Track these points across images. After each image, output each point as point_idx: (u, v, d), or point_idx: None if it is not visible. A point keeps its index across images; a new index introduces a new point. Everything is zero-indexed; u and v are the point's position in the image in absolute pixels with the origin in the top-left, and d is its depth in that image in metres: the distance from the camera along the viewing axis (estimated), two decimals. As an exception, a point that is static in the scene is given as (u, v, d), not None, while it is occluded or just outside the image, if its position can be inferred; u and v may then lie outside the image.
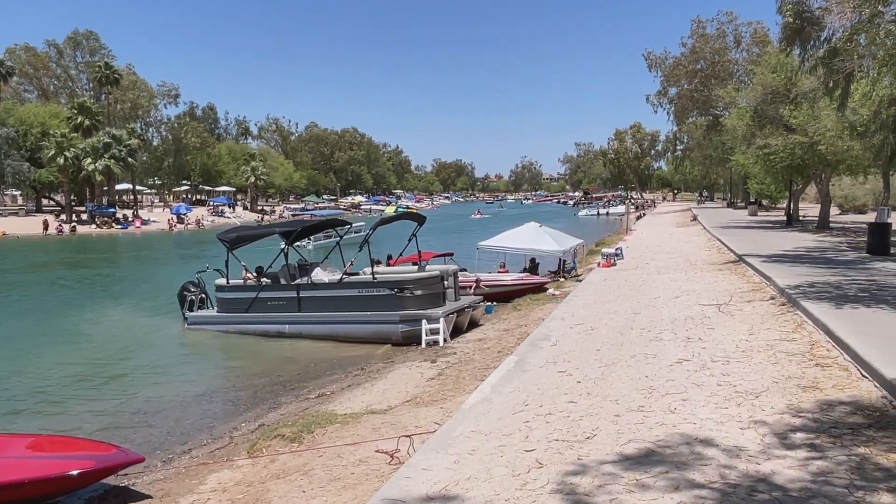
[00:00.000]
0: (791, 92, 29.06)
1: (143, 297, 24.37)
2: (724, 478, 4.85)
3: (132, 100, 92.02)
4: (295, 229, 18.47)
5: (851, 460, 5.02)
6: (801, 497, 4.49)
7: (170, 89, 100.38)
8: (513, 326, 15.20)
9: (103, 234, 58.96)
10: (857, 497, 4.45)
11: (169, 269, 33.02)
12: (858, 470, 4.84)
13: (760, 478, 4.82)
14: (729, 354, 8.54)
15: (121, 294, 25.40)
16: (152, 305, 22.28)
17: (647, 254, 24.61)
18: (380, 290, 16.12)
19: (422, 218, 19.19)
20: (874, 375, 6.86)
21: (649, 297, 14.04)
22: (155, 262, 38.39)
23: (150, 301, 23.28)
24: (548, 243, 23.87)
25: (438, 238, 50.42)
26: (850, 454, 5.13)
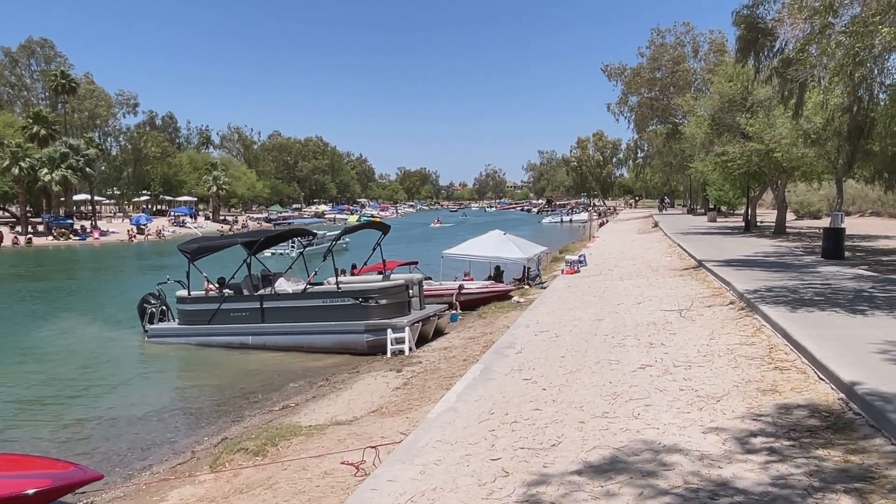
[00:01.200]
0: (747, 100, 29.73)
1: (103, 309, 23.81)
2: (686, 483, 4.89)
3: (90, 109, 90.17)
4: (258, 239, 18.27)
5: (810, 463, 5.10)
6: (762, 500, 4.55)
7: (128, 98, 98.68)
8: (478, 334, 15.21)
9: (60, 246, 57.52)
10: (815, 499, 4.52)
11: (129, 281, 32.34)
12: (817, 472, 4.93)
13: (722, 482, 4.87)
14: (690, 359, 8.65)
15: (79, 307, 24.78)
16: (112, 318, 21.78)
17: (609, 260, 24.87)
18: (344, 300, 16.01)
19: (386, 227, 19.14)
20: (831, 378, 7.00)
21: (612, 304, 14.17)
22: (114, 273, 37.55)
23: (110, 314, 22.76)
24: (512, 251, 24.00)
25: (403, 247, 50.32)
26: (808, 457, 5.22)
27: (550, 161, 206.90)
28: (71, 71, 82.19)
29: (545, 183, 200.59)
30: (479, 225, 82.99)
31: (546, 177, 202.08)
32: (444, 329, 17.33)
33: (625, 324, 11.68)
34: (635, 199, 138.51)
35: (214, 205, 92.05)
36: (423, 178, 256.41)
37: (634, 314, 12.57)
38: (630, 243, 33.04)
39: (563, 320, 12.80)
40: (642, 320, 11.80)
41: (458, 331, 16.93)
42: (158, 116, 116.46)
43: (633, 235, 39.93)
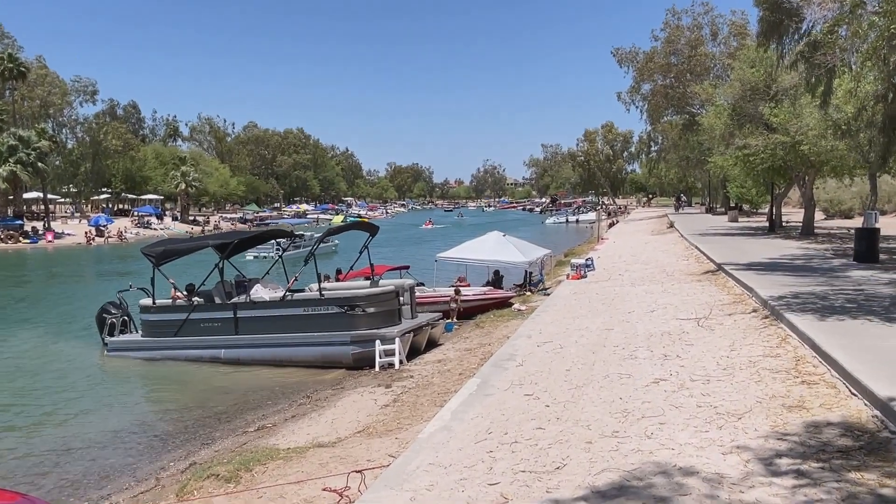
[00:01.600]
0: (771, 88, 29.82)
1: (56, 320, 23.71)
2: (705, 508, 4.88)
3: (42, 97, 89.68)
4: (231, 242, 18.24)
5: (842, 488, 5.10)
6: (789, 527, 4.54)
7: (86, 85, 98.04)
8: (475, 346, 15.21)
9: (8, 251, 57.24)
10: (847, 525, 4.52)
11: (86, 289, 32.23)
12: (849, 498, 4.92)
13: (745, 507, 4.86)
14: (709, 373, 8.66)
15: (30, 317, 24.67)
16: (67, 330, 21.68)
17: (620, 264, 24.91)
18: (328, 309, 15.99)
19: (374, 228, 19.14)
20: (864, 393, 7.01)
21: (623, 312, 14.19)
22: (70, 280, 37.42)
23: (64, 325, 22.66)
24: (512, 254, 24.02)
25: (394, 250, 50.32)
26: (840, 480, 5.22)
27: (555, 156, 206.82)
28: (20, 54, 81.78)
29: (549, 180, 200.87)
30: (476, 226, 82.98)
31: (550, 173, 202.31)
32: (438, 340, 17.32)
33: (636, 334, 11.69)
34: (648, 198, 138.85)
35: (183, 204, 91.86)
36: (416, 175, 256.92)
37: (647, 323, 12.58)
38: (643, 245, 33.11)
39: (569, 330, 12.80)
40: (656, 330, 11.81)
41: (453, 342, 16.93)
42: (120, 106, 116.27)
43: (646, 237, 40.02)
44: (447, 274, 26.22)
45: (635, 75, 62.57)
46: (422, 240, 64.48)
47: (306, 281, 18.57)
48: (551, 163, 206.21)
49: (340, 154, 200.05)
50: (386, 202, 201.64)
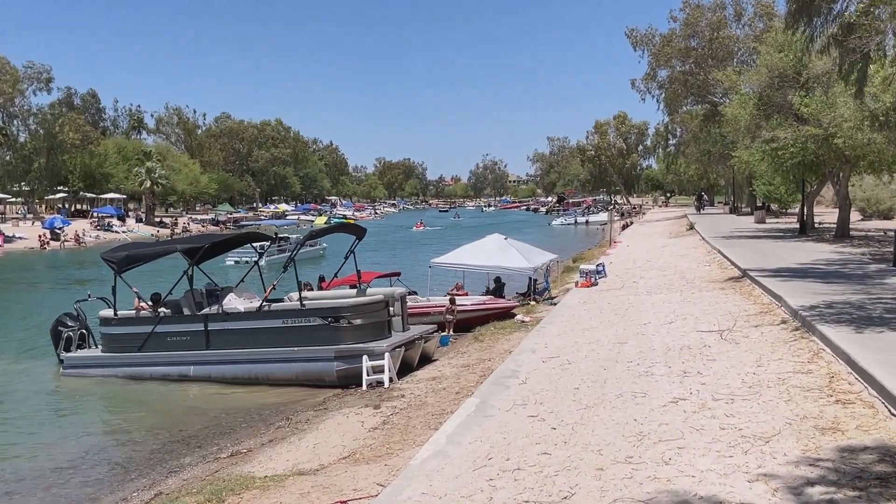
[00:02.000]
0: (801, 75, 29.93)
1: (6, 334, 23.62)
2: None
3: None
4: (201, 246, 18.21)
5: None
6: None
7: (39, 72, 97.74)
8: (473, 361, 15.20)
9: (-46, 255, 57.11)
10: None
11: (40, 299, 32.13)
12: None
13: (773, 541, 4.87)
14: (733, 391, 8.67)
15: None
16: (18, 344, 21.61)
17: (634, 270, 24.94)
18: (309, 320, 15.97)
19: (361, 230, 19.13)
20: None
21: (638, 323, 14.20)
22: (22, 289, 37.31)
23: (16, 339, 22.58)
24: (515, 259, 24.01)
25: (383, 254, 50.30)
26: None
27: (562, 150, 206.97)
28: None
29: (555, 177, 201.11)
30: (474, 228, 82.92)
31: (557, 169, 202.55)
32: (433, 355, 17.31)
33: (653, 348, 11.70)
34: (666, 196, 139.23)
35: (148, 203, 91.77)
36: (407, 172, 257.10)
37: (665, 336, 12.60)
38: (659, 250, 33.17)
39: (578, 343, 12.81)
40: (674, 343, 11.83)
41: (449, 357, 16.92)
42: (77, 95, 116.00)
43: (664, 240, 40.09)
44: (442, 281, 26.20)
45: (651, 60, 62.63)
46: (414, 243, 64.50)
47: (286, 289, 18.55)
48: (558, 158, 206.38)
49: (324, 148, 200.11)
50: (374, 202, 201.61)
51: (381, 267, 28.77)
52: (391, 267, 28.28)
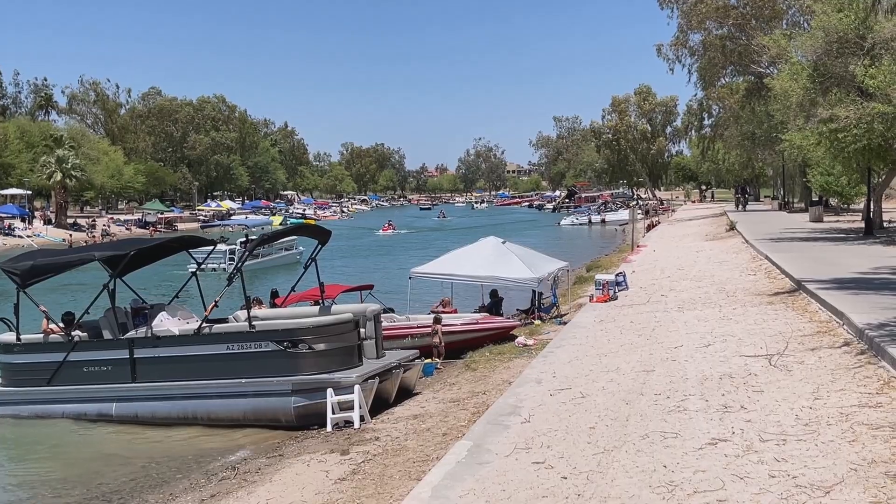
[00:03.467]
0: (866, 40, 29.99)
1: None
2: None
3: None
4: (126, 253, 18.07)
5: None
6: None
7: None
8: (464, 395, 15.18)
9: None
10: None
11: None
12: None
13: None
14: (785, 430, 8.68)
15: None
16: None
17: (662, 281, 24.98)
18: (260, 345, 15.89)
19: (325, 233, 19.06)
20: None
21: (667, 347, 14.24)
22: None
23: None
24: (515, 268, 24.01)
25: (353, 262, 50.19)
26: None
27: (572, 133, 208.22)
28: None
29: (564, 166, 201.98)
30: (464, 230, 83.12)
31: (566, 156, 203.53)
32: (414, 387, 17.27)
33: (686, 377, 11.72)
34: (701, 190, 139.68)
35: (59, 201, 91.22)
36: (381, 160, 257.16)
37: (700, 362, 12.62)
38: (693, 255, 33.25)
39: (594, 372, 12.82)
40: (712, 371, 11.84)
41: (434, 390, 16.89)
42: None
43: (698, 243, 40.20)
44: (426, 296, 26.17)
45: (681, 22, 62.88)
46: (391, 249, 64.48)
47: (231, 306, 18.48)
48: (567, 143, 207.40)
49: (277, 132, 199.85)
50: (341, 197, 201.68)
51: (349, 278, 28.76)
52: (362, 278, 28.27)
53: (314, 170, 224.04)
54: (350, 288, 22.78)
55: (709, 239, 42.35)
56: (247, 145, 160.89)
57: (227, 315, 17.87)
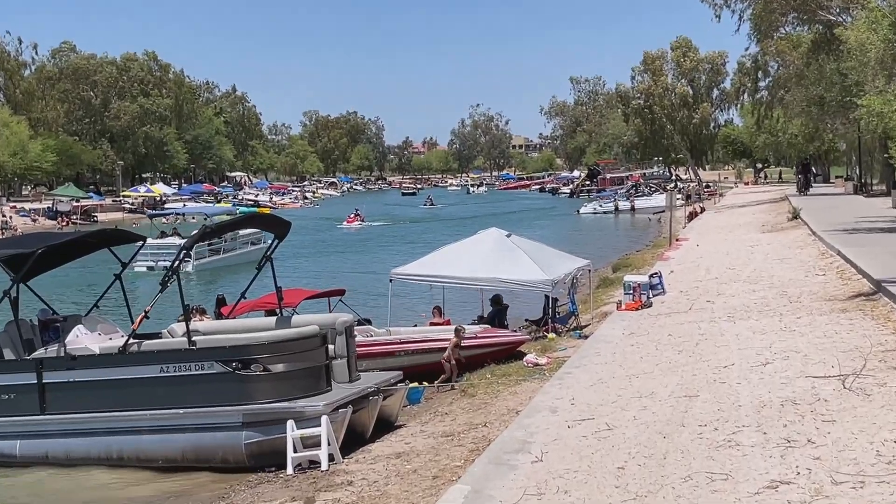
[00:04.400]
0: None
1: None
2: None
3: None
4: (32, 252, 17.99)
5: None
6: None
7: None
8: (460, 427, 15.17)
9: None
10: None
11: None
12: None
13: None
14: (863, 469, 8.68)
15: None
16: None
17: (708, 283, 25.00)
18: (203, 367, 15.85)
19: (283, 225, 18.97)
20: None
21: (714, 366, 14.26)
22: None
23: None
24: (523, 268, 23.99)
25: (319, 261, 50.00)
26: None
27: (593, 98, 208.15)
28: None
29: (584, 139, 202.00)
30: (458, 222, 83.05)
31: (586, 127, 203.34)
32: (397, 417, 17.25)
33: (738, 403, 11.73)
34: (756, 169, 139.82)
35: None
36: (354, 133, 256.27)
37: (756, 385, 12.63)
38: (747, 251, 33.27)
39: (623, 398, 12.83)
40: (772, 396, 11.85)
41: (422, 421, 16.88)
42: None
43: (753, 235, 40.23)
44: (410, 303, 26.17)
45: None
46: (364, 245, 64.41)
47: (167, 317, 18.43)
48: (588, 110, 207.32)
49: (223, 98, 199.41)
50: (303, 180, 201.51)
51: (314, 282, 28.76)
52: (331, 282, 28.26)
53: (270, 145, 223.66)
54: (315, 294, 22.76)
55: (766, 230, 42.41)
56: (184, 115, 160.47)
57: (161, 329, 17.83)
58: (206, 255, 40.41)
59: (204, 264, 39.92)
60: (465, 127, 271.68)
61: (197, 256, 35.29)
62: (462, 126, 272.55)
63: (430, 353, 21.03)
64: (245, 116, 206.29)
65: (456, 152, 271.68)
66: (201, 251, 39.13)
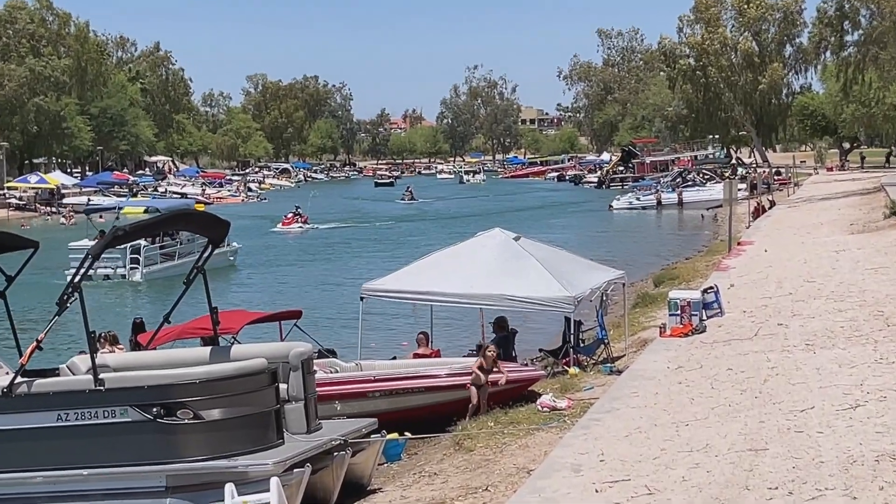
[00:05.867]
0: None
1: None
2: None
3: None
4: None
5: None
6: None
7: None
8: (454, 492, 15.18)
9: None
10: None
11: None
12: None
13: None
14: None
15: None
16: None
17: (780, 300, 25.03)
18: (114, 413, 15.83)
19: (218, 225, 18.92)
20: None
21: (788, 409, 14.29)
22: None
23: None
24: (536, 281, 24.00)
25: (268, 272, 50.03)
26: None
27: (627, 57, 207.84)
28: None
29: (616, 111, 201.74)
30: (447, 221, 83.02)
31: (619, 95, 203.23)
32: (369, 479, 17.27)
33: (819, 458, 11.75)
34: (843, 150, 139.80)
35: None
36: (313, 103, 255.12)
37: (844, 435, 12.65)
38: (831, 258, 33.32)
39: (668, 452, 12.84)
40: (863, 450, 11.87)
41: (402, 483, 16.89)
42: None
43: (839, 237, 40.27)
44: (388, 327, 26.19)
45: None
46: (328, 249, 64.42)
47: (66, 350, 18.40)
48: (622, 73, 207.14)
49: (141, 57, 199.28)
50: (247, 166, 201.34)
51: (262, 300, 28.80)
52: (282, 300, 28.29)
53: (202, 120, 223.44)
54: (263, 317, 22.77)
55: (856, 231, 42.49)
56: (89, 80, 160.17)
57: (60, 364, 17.82)
58: (157, 261, 41.16)
59: (155, 272, 40.43)
60: (460, 96, 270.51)
61: (147, 262, 35.50)
62: (455, 95, 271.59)
63: (413, 395, 21.02)
64: (170, 83, 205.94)
65: (448, 129, 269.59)
66: (152, 256, 39.96)
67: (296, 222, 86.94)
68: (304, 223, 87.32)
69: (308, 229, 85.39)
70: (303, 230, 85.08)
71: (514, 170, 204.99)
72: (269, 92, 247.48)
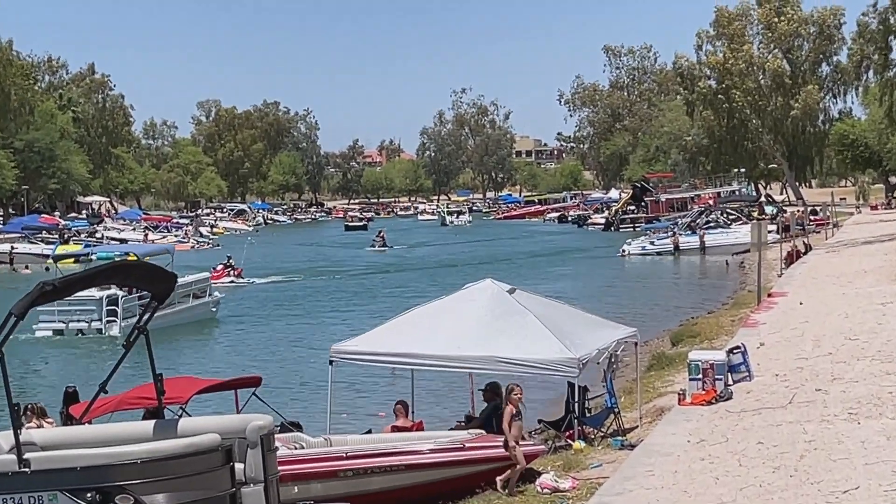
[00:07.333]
0: None
1: None
2: None
3: None
4: None
5: None
6: None
7: None
8: None
9: None
10: None
11: None
12: None
13: None
14: None
15: None
16: None
17: (817, 362, 25.06)
18: (42, 499, 15.78)
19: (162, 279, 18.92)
20: None
21: (829, 490, 14.30)
22: None
23: None
24: (535, 340, 24.04)
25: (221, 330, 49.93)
26: None
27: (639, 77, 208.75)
28: None
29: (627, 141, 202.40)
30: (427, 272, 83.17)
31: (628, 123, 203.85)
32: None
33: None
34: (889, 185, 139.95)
35: None
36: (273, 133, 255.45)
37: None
38: (876, 312, 33.41)
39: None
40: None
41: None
42: None
43: (885, 287, 40.37)
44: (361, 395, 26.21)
45: None
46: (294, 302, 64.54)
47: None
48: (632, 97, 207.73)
49: (73, 80, 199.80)
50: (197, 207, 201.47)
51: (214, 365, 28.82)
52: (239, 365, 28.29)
53: (146, 154, 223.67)
54: (216, 384, 22.76)
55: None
56: (12, 108, 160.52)
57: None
58: (135, 313, 39.67)
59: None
60: (445, 124, 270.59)
61: (125, 315, 35.56)
62: (439, 123, 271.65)
63: (391, 474, 20.99)
64: (107, 111, 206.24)
65: (430, 163, 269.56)
66: (130, 308, 40.23)
67: (226, 275, 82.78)
68: (238, 276, 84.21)
69: (244, 284, 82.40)
70: (236, 285, 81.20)
71: (507, 209, 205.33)
72: (223, 121, 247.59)
